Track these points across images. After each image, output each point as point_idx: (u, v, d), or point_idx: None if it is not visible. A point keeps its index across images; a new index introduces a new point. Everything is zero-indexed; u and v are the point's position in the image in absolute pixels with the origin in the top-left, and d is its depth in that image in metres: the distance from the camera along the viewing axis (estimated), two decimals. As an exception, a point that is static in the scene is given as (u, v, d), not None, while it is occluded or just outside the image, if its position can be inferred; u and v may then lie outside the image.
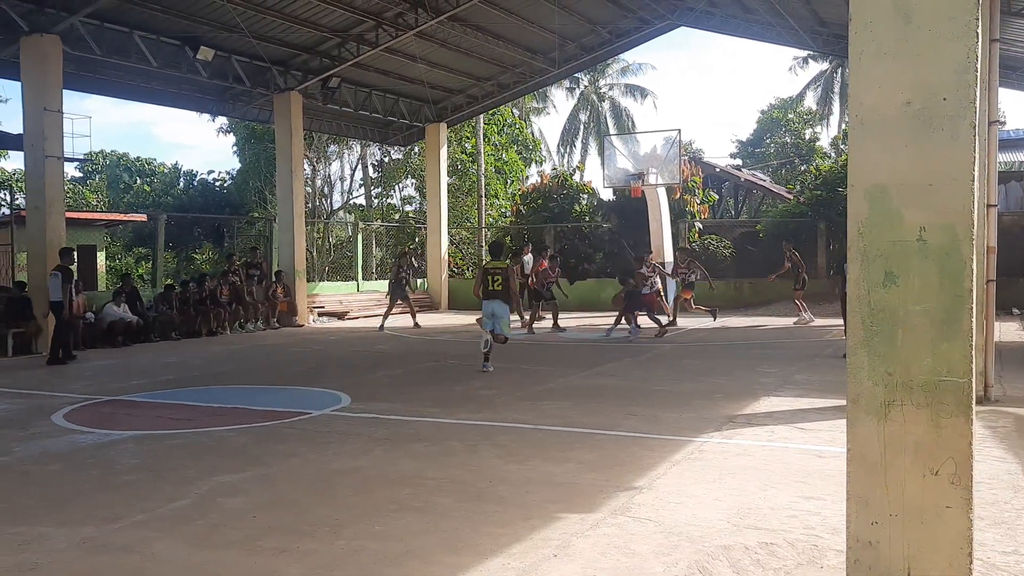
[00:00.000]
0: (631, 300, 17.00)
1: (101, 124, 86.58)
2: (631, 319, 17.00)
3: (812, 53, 40.52)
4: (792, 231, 26.00)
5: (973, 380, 3.40)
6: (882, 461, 3.49)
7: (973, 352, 3.39)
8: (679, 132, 23.39)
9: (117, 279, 25.59)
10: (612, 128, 45.92)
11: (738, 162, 46.94)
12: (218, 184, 43.50)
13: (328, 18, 19.79)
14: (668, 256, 22.69)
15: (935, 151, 3.40)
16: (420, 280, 27.94)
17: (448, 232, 28.29)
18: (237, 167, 40.66)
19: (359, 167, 40.78)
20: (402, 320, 20.89)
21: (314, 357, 14.75)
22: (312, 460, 6.78)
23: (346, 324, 22.08)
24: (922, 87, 3.41)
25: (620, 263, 21.89)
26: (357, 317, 23.51)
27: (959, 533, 3.39)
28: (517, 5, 21.29)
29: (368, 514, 5.28)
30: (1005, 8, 13.67)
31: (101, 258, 30.71)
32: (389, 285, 20.73)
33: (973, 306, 3.39)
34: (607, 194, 28.76)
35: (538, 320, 19.49)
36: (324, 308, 23.28)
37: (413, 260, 21.07)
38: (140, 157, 49.56)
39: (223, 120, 37.34)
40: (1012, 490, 5.58)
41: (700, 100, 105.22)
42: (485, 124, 34.58)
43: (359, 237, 28.32)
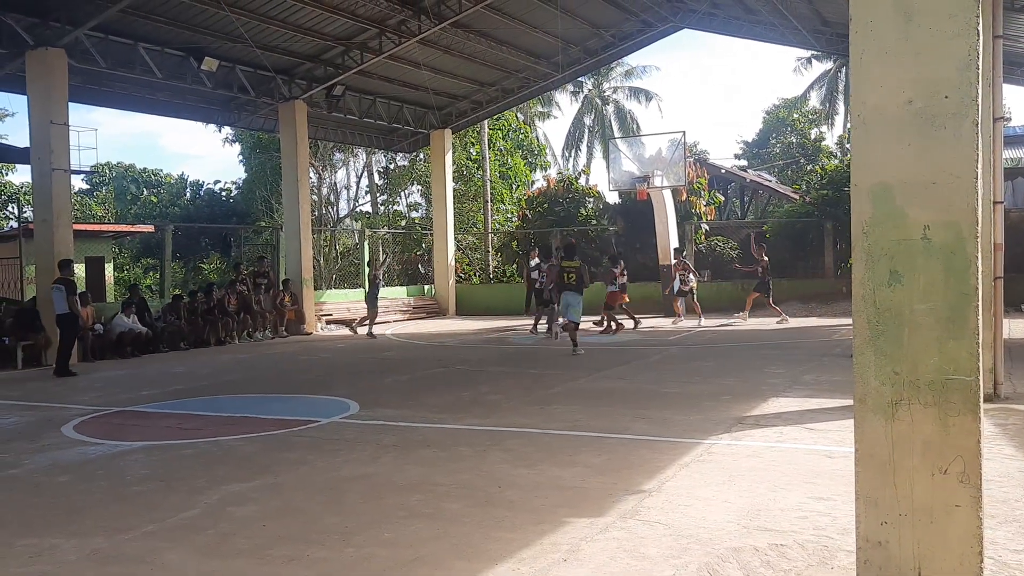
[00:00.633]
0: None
1: (108, 136, 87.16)
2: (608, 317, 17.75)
3: (816, 53, 40.45)
4: (799, 231, 26.01)
5: (981, 378, 3.38)
6: (890, 461, 3.48)
7: (980, 350, 3.38)
8: (684, 134, 23.41)
9: (125, 290, 25.69)
10: (617, 131, 45.93)
11: (743, 163, 46.85)
12: (224, 194, 43.66)
13: (331, 26, 19.85)
14: (675, 258, 22.71)
15: (938, 149, 3.39)
16: (428, 286, 27.97)
17: (455, 238, 28.31)
18: (243, 177, 40.83)
19: (365, 174, 40.90)
20: (403, 327, 20.87)
21: (322, 365, 14.77)
22: (321, 468, 6.79)
23: (365, 336, 22.03)
24: (924, 85, 3.41)
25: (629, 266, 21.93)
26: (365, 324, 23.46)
27: (969, 532, 3.37)
28: (520, 10, 21.33)
29: (377, 521, 5.28)
30: (1008, 4, 13.63)
31: (109, 269, 30.84)
32: (365, 295, 21.32)
33: (979, 304, 3.38)
34: (613, 197, 28.80)
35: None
36: (332, 316, 23.30)
37: (380, 273, 21.66)
38: (147, 168, 49.82)
39: (229, 130, 37.52)
40: (1022, 488, 5.55)
41: (704, 101, 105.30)
42: (490, 129, 34.61)
43: (366, 244, 28.36)
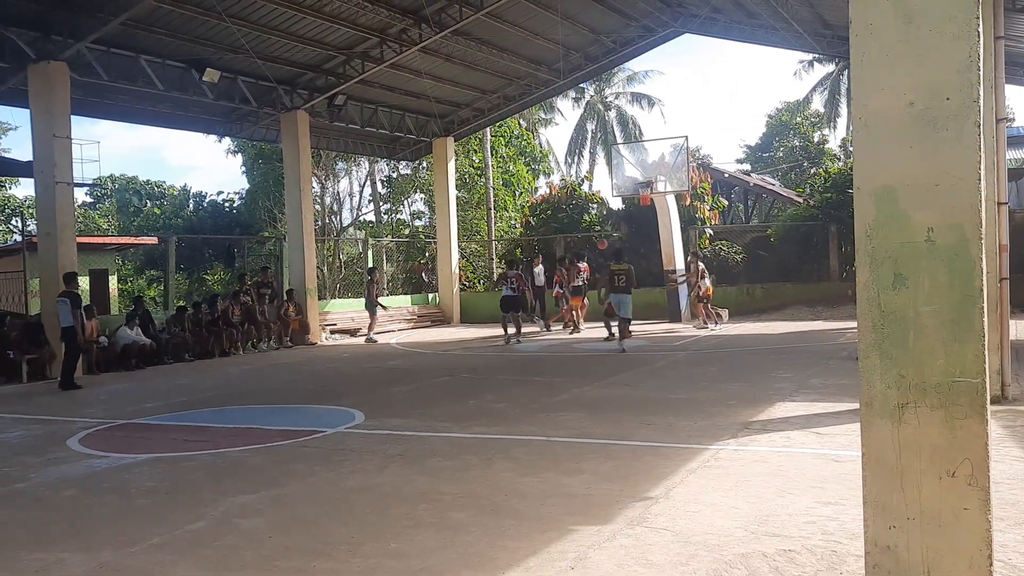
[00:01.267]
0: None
1: (112, 149, 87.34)
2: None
3: (817, 56, 40.45)
4: (803, 235, 25.98)
5: (987, 380, 3.37)
6: (898, 464, 3.46)
7: (986, 352, 3.36)
8: (686, 139, 23.42)
9: (129, 302, 25.71)
10: (619, 137, 45.95)
11: (747, 167, 46.86)
12: (227, 205, 43.71)
13: (332, 36, 19.89)
14: (680, 263, 22.71)
15: (940, 151, 3.38)
16: (432, 294, 27.97)
17: (458, 246, 28.32)
18: (246, 187, 40.88)
19: (368, 183, 40.95)
20: (407, 336, 20.88)
21: (327, 375, 14.76)
22: (327, 479, 6.78)
23: (359, 341, 22.07)
24: (925, 87, 3.40)
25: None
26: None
27: (978, 535, 3.35)
28: (520, 17, 21.35)
29: (384, 531, 5.27)
30: (1010, 5, 13.61)
31: (113, 282, 30.89)
32: (365, 303, 22.05)
33: (984, 305, 3.36)
34: (616, 203, 28.81)
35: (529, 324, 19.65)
36: (336, 325, 23.30)
37: (379, 279, 22.19)
38: (149, 180, 49.88)
39: (230, 141, 37.60)
40: (1032, 490, 5.53)
41: (707, 106, 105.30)
42: (492, 137, 34.64)
43: (369, 253, 28.38)
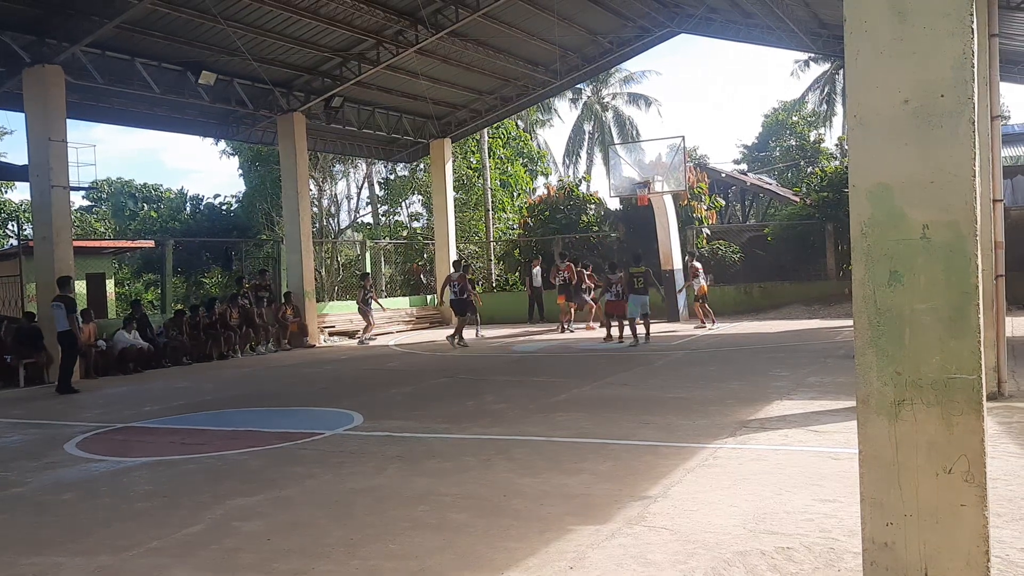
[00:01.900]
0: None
1: (110, 153, 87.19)
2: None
3: (813, 55, 40.48)
4: (800, 233, 26.03)
5: (983, 376, 3.37)
6: (895, 461, 3.46)
7: (982, 348, 3.37)
8: (683, 139, 23.45)
9: (127, 306, 25.68)
10: (616, 137, 45.98)
11: (744, 167, 46.93)
12: (225, 208, 43.66)
13: (328, 38, 19.89)
14: (677, 263, 22.74)
15: (935, 148, 3.38)
16: (430, 296, 27.96)
17: (456, 247, 28.31)
18: (243, 190, 40.85)
19: (365, 185, 40.95)
20: (406, 337, 20.88)
21: (325, 377, 14.75)
22: (326, 481, 6.77)
23: (358, 344, 22.07)
24: (920, 85, 3.40)
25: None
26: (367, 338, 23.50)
27: (975, 531, 3.35)
28: (517, 18, 21.36)
29: (383, 533, 5.27)
30: (1003, 3, 13.64)
31: (110, 285, 30.80)
32: (358, 306, 22.57)
33: (980, 302, 3.37)
34: (614, 203, 28.85)
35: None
36: (335, 328, 23.31)
37: (370, 284, 22.89)
38: (146, 183, 49.78)
39: (227, 144, 37.56)
40: (1030, 486, 5.54)
41: (703, 106, 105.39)
42: (489, 138, 34.65)
43: (367, 255, 28.37)
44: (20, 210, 35.56)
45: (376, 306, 22.76)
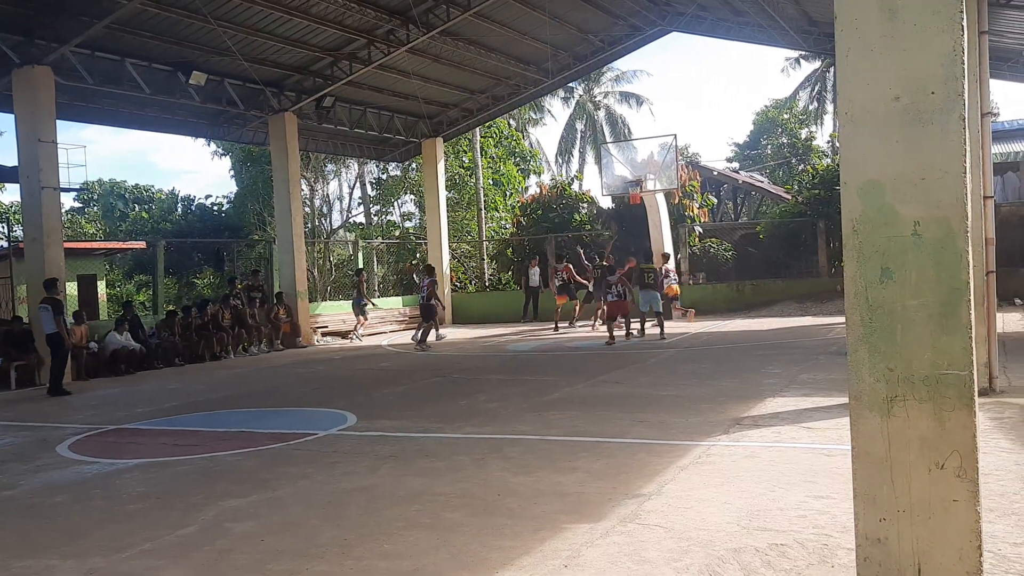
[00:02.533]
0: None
1: (100, 154, 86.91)
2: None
3: (804, 53, 40.55)
4: (792, 231, 26.08)
5: (975, 372, 3.38)
6: (887, 457, 3.47)
7: (973, 344, 3.38)
8: (675, 137, 23.53)
9: (118, 307, 25.60)
10: (608, 136, 45.97)
11: (735, 165, 47.00)
12: (216, 208, 43.56)
13: (319, 38, 19.85)
14: (671, 262, 22.73)
15: (926, 145, 3.39)
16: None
17: (449, 246, 28.30)
18: (235, 191, 40.74)
19: (357, 185, 40.88)
20: (399, 337, 20.88)
21: (318, 377, 14.73)
22: (320, 481, 6.76)
23: (350, 343, 22.06)
24: (910, 82, 3.41)
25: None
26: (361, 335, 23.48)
27: (967, 526, 3.36)
28: (508, 17, 21.35)
29: (377, 533, 5.26)
30: (993, 0, 13.68)
31: (101, 287, 30.76)
32: (352, 304, 23.06)
33: (971, 298, 3.38)
34: (606, 202, 28.86)
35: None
36: (327, 328, 23.27)
37: (364, 281, 23.46)
38: (137, 184, 49.65)
39: (218, 144, 37.45)
40: (1020, 481, 5.56)
41: (695, 104, 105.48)
42: (481, 137, 34.62)
43: (360, 255, 28.32)
44: (10, 211, 35.42)
45: (369, 305, 22.88)
